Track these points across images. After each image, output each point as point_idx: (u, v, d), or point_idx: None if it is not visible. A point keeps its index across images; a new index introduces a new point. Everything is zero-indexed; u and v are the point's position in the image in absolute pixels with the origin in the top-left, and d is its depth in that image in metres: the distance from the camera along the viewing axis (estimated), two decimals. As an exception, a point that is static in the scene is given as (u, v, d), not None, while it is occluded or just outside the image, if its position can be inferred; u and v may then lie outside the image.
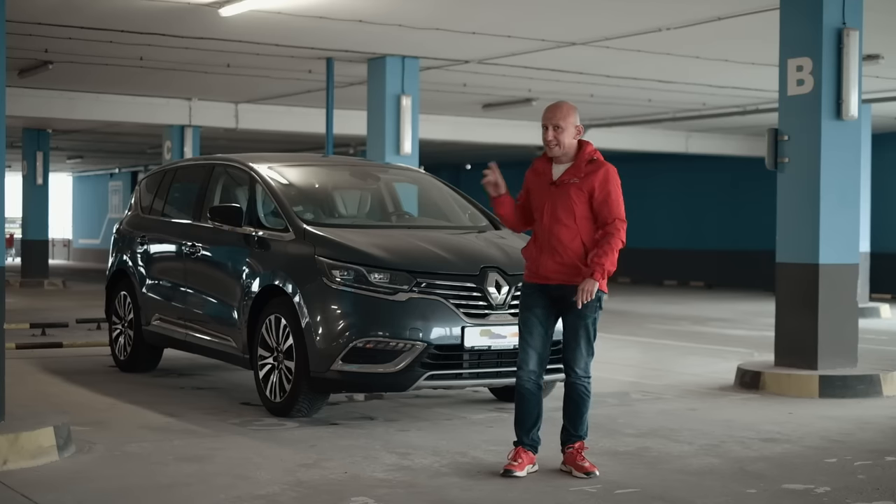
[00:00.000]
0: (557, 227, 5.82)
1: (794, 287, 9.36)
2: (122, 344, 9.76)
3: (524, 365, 5.89)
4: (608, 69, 15.43)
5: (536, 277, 5.90)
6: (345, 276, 7.19)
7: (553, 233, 5.82)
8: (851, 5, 9.23)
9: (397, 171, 9.62)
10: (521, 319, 5.97)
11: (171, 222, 9.39)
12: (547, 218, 5.85)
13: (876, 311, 17.48)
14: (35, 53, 14.56)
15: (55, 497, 5.33)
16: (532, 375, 5.88)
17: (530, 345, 5.88)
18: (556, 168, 5.92)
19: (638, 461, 6.27)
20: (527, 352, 5.88)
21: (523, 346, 5.91)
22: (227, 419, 7.43)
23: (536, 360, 5.88)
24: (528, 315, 5.91)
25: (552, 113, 5.90)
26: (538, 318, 5.89)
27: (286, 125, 20.48)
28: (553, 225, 5.83)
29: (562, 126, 5.87)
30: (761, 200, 24.73)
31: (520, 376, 5.90)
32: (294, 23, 12.32)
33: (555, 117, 5.88)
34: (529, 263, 5.96)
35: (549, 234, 5.83)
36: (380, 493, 5.43)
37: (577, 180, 5.83)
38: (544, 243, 5.86)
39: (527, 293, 5.97)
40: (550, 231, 5.83)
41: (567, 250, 5.81)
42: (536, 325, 5.89)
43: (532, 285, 5.94)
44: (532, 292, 5.92)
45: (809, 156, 9.23)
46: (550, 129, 5.86)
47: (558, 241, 5.82)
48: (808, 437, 7.04)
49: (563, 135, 5.87)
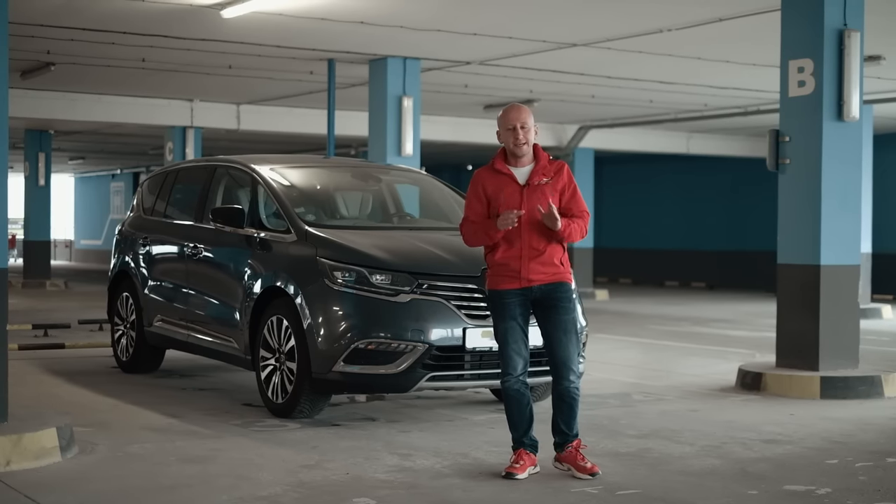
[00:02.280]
0: (537, 229, 5.82)
1: (796, 288, 9.36)
2: (124, 345, 9.77)
3: (513, 371, 5.89)
4: (609, 70, 15.43)
5: (516, 282, 5.84)
6: (346, 278, 7.20)
7: (534, 235, 5.82)
8: (853, 6, 9.23)
9: (399, 172, 9.63)
10: (502, 329, 5.89)
11: (173, 223, 9.40)
12: (525, 221, 5.81)
13: (877, 311, 17.47)
14: (37, 55, 14.58)
15: (58, 498, 5.34)
16: (521, 378, 5.91)
17: (517, 352, 5.88)
18: (518, 171, 5.90)
19: (639, 462, 6.28)
20: (514, 359, 5.88)
21: (510, 355, 5.88)
22: (229, 420, 7.44)
23: (523, 364, 5.91)
24: (511, 324, 5.87)
25: (518, 113, 5.90)
26: (520, 324, 5.89)
27: (288, 126, 20.49)
28: (533, 227, 5.82)
29: (528, 125, 5.88)
30: (762, 201, 24.73)
31: (508, 381, 5.91)
32: (295, 24, 12.33)
33: (520, 117, 5.88)
34: (503, 269, 5.85)
35: (530, 237, 5.82)
36: (381, 494, 5.44)
37: (548, 180, 5.86)
38: (524, 246, 5.82)
39: (504, 301, 5.87)
40: (531, 234, 5.81)
41: (548, 249, 5.83)
42: (520, 332, 5.89)
43: (510, 291, 5.85)
44: (511, 299, 5.86)
45: (811, 157, 9.23)
46: (519, 129, 5.85)
47: (539, 241, 5.82)
48: (810, 439, 7.05)
49: (529, 134, 5.88)
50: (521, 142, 5.85)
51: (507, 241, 5.86)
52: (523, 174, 5.89)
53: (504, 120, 5.91)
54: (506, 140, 5.90)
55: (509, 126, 5.87)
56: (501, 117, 5.93)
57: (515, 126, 5.86)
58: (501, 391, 6.04)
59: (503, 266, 5.87)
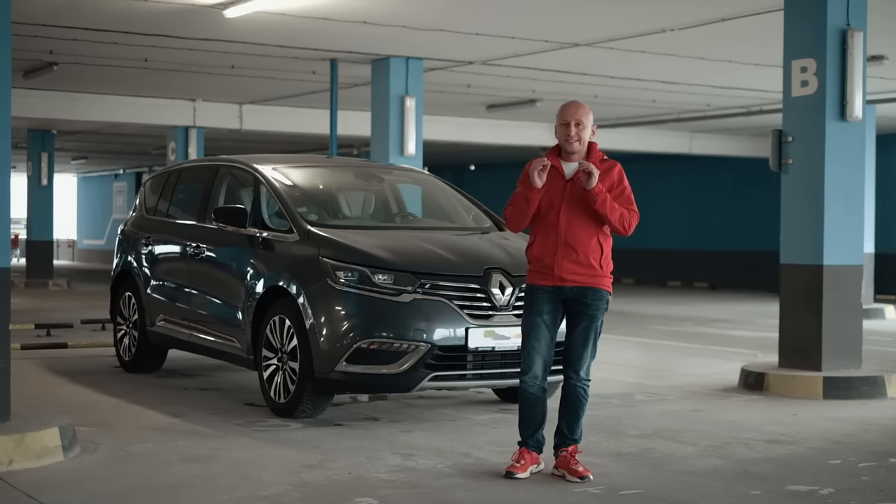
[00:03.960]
0: (575, 226, 5.77)
1: (799, 288, 9.35)
2: (126, 345, 9.78)
3: (530, 370, 5.82)
4: (612, 70, 15.43)
5: (549, 279, 5.80)
6: (349, 277, 7.20)
7: (571, 231, 5.76)
8: (855, 6, 9.22)
9: (401, 172, 9.63)
10: (527, 324, 5.85)
11: (176, 223, 9.40)
12: (564, 216, 5.78)
13: (880, 312, 17.46)
14: (40, 55, 14.59)
15: (60, 497, 5.34)
16: (537, 381, 5.82)
17: (537, 350, 5.81)
18: (567, 166, 5.88)
19: (642, 462, 6.27)
20: (533, 357, 5.81)
21: (529, 352, 5.82)
22: (232, 420, 7.44)
23: (542, 365, 5.82)
24: (536, 320, 5.81)
25: (574, 109, 5.89)
26: (546, 322, 5.81)
27: (290, 126, 20.50)
28: (571, 223, 5.77)
29: (583, 123, 5.87)
30: (765, 201, 24.71)
31: (525, 381, 5.84)
32: (298, 24, 12.34)
33: (577, 113, 5.87)
34: (538, 265, 5.84)
35: (567, 232, 5.76)
36: (384, 494, 5.43)
37: None
38: (560, 243, 5.77)
39: (535, 296, 5.85)
40: (568, 229, 5.76)
41: (585, 249, 5.77)
42: (544, 330, 5.82)
43: (542, 288, 5.82)
44: (541, 295, 5.82)
45: (813, 157, 9.22)
46: (573, 124, 5.84)
47: (576, 239, 5.76)
48: (812, 439, 7.04)
49: (584, 132, 5.86)
50: (572, 138, 5.83)
51: (543, 233, 5.82)
52: (571, 169, 5.85)
53: (561, 115, 5.90)
54: (559, 134, 5.89)
55: (564, 121, 5.87)
56: (559, 112, 5.92)
57: (570, 122, 5.85)
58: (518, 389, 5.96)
59: (538, 261, 5.84)
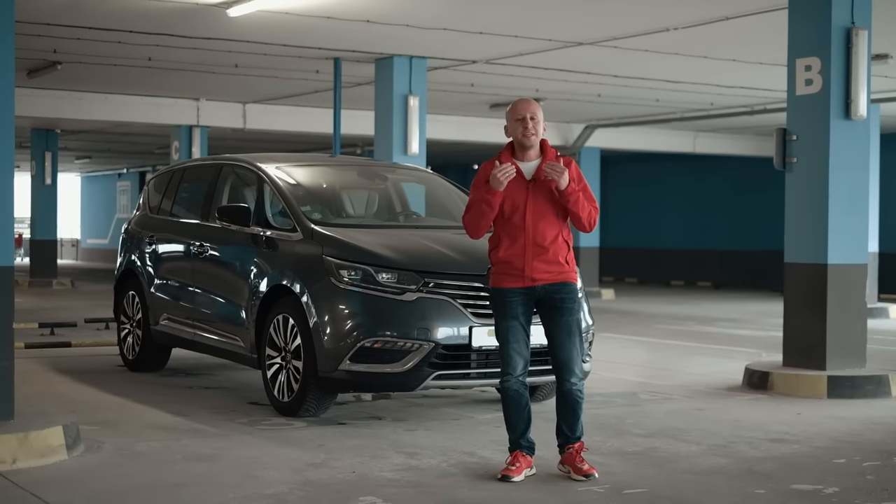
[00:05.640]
0: (542, 225, 5.76)
1: (803, 287, 9.34)
2: (130, 343, 9.78)
3: (513, 371, 5.82)
4: (616, 69, 15.42)
5: (520, 281, 5.78)
6: (353, 276, 7.20)
7: (539, 231, 5.76)
8: (860, 5, 9.21)
9: (405, 171, 9.63)
10: (503, 327, 5.83)
11: (180, 222, 9.40)
12: (530, 217, 5.76)
13: (884, 311, 17.43)
14: (43, 54, 14.59)
15: (64, 496, 5.34)
16: (520, 378, 5.85)
17: (517, 351, 5.82)
18: (525, 165, 5.83)
19: (646, 461, 6.27)
20: (515, 359, 5.82)
21: (511, 354, 5.81)
22: (235, 419, 7.44)
23: (523, 364, 5.85)
24: (513, 323, 5.80)
25: (527, 104, 5.86)
26: (522, 324, 5.82)
27: (294, 125, 20.49)
28: (538, 223, 5.76)
29: (537, 117, 5.84)
30: (769, 200, 24.69)
31: (508, 381, 5.84)
32: (302, 23, 12.33)
33: (531, 108, 5.84)
34: (507, 267, 5.80)
35: (535, 232, 5.75)
36: (388, 493, 5.43)
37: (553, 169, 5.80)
38: (529, 244, 5.76)
39: (507, 299, 5.81)
40: (535, 230, 5.75)
41: (553, 247, 5.77)
42: (521, 331, 5.83)
43: (512, 290, 5.79)
44: (513, 297, 5.79)
45: (818, 156, 9.21)
46: (529, 119, 5.80)
47: (544, 238, 5.76)
48: (817, 438, 7.03)
49: (538, 126, 5.84)
50: (529, 132, 5.79)
51: (510, 236, 5.79)
52: (530, 169, 5.82)
53: (513, 111, 5.86)
54: (514, 131, 5.84)
55: (519, 116, 5.82)
56: (511, 109, 5.89)
57: (525, 116, 5.81)
58: (500, 391, 6.01)
59: (506, 264, 5.81)
